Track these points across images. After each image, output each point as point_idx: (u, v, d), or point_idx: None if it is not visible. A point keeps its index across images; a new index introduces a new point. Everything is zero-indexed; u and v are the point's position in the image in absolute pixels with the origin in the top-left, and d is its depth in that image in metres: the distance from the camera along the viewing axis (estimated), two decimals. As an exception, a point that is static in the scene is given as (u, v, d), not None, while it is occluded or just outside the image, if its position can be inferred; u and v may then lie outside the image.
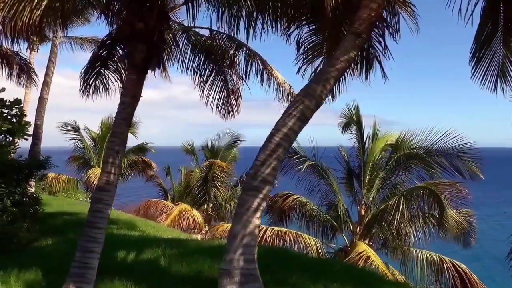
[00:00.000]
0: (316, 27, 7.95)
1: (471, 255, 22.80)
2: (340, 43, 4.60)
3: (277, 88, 10.26)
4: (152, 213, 19.86)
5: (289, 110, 4.49)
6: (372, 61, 5.56)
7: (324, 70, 4.52)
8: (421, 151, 12.99)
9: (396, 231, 13.06)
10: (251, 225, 4.37)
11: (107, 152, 6.72)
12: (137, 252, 8.37)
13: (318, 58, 8.36)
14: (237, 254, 4.24)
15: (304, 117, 4.48)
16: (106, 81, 9.28)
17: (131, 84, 6.94)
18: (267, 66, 9.80)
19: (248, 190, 4.41)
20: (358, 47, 4.48)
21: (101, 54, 8.82)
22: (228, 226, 18.84)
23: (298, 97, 4.52)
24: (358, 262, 10.99)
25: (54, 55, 17.04)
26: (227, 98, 10.38)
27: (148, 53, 6.93)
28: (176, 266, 7.29)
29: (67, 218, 13.15)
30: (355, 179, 14.85)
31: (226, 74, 10.07)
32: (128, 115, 6.87)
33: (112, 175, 6.57)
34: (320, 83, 4.45)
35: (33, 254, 9.21)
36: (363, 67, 5.69)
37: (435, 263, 12.75)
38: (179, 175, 24.89)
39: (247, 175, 4.51)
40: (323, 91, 4.45)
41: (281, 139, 4.44)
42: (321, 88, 4.44)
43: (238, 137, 21.04)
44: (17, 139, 10.75)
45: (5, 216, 9.51)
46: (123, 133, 6.79)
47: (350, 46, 4.43)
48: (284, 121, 4.47)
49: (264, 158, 4.41)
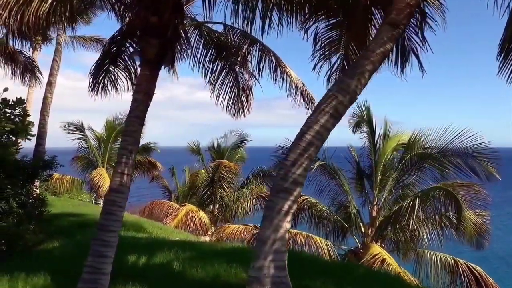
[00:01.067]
0: (334, 21, 7.67)
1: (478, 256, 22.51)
2: (375, 34, 4.31)
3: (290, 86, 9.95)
4: (157, 214, 19.54)
5: (321, 106, 4.19)
6: (408, 54, 5.26)
7: (358, 63, 4.22)
8: (435, 151, 12.67)
9: (409, 233, 12.75)
10: (282, 230, 4.08)
11: (120, 151, 6.43)
12: (148, 255, 8.08)
13: (335, 55, 8.11)
14: (267, 260, 3.93)
15: (337, 113, 4.18)
16: (114, 79, 9.03)
17: (144, 81, 6.64)
18: (280, 63, 9.49)
19: (278, 192, 4.10)
20: (394, 38, 4.18)
21: (111, 50, 8.56)
22: (235, 228, 18.56)
23: (330, 93, 4.22)
24: (373, 265, 10.68)
25: (58, 53, 16.74)
26: (238, 96, 10.10)
27: (162, 48, 6.64)
28: (191, 271, 7.00)
29: (73, 220, 12.87)
30: (365, 180, 14.56)
31: (238, 71, 9.77)
32: (141, 113, 6.57)
33: (126, 176, 6.28)
34: (354, 77, 4.15)
35: (40, 257, 8.94)
36: (398, 60, 5.38)
37: (449, 265, 12.45)
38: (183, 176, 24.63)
39: (276, 176, 4.19)
40: (358, 85, 4.15)
41: (313, 137, 4.14)
42: (355, 82, 4.14)
43: (245, 136, 20.70)
44: (20, 139, 10.48)
45: (10, 218, 9.23)
46: (136, 132, 6.50)
47: (387, 38, 4.13)
48: (316, 118, 4.17)
49: (295, 158, 4.11)
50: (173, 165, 24.52)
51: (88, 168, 21.54)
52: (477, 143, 11.86)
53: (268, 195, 4.28)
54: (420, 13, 4.63)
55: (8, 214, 9.19)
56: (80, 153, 21.85)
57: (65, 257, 8.85)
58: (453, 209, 11.08)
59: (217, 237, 18.66)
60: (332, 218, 14.43)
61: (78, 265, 7.99)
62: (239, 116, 10.33)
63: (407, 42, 5.23)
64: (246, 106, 10.24)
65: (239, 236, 17.87)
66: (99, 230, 6.09)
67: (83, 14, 12.05)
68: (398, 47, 5.23)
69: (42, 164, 10.77)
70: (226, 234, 18.24)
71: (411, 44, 5.18)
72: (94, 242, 6.03)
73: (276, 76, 9.63)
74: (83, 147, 21.67)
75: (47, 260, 8.62)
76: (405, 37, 5.06)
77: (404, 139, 14.29)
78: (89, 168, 21.43)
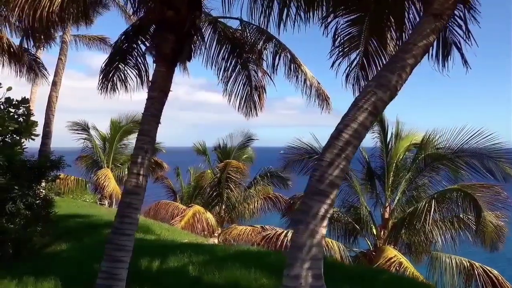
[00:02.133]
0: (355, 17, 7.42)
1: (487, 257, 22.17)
2: (416, 26, 4.02)
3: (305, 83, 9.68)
4: (162, 215, 19.24)
5: (358, 103, 3.91)
6: (450, 48, 4.98)
7: (399, 57, 3.94)
8: (450, 151, 12.36)
9: (424, 235, 12.45)
10: (318, 235, 3.80)
11: (135, 151, 6.16)
12: (161, 259, 7.80)
13: (354, 51, 7.87)
14: (304, 268, 3.65)
15: (376, 110, 3.90)
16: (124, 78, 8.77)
17: (159, 77, 6.38)
18: (296, 60, 9.22)
19: (313, 194, 3.81)
20: (437, 30, 3.90)
21: (122, 47, 8.29)
22: (242, 229, 18.26)
23: (369, 88, 3.94)
24: (389, 268, 10.39)
25: (64, 52, 16.48)
26: (250, 95, 9.83)
27: (178, 44, 6.37)
28: (208, 276, 6.71)
29: (80, 221, 12.60)
30: (377, 180, 14.27)
31: (251, 69, 9.52)
32: (156, 111, 6.31)
33: (141, 177, 6.02)
34: (395, 72, 3.87)
35: (48, 260, 8.69)
36: (439, 54, 5.09)
37: (464, 268, 12.14)
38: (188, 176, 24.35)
39: (311, 178, 3.91)
40: (398, 81, 3.87)
41: (351, 136, 3.85)
42: (396, 77, 3.86)
43: (251, 136, 20.37)
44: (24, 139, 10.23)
45: (17, 219, 8.96)
46: (152, 131, 6.23)
47: (430, 30, 3.84)
48: (353, 116, 3.88)
49: (331, 158, 3.82)
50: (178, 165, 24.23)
51: (92, 169, 21.26)
52: (494, 144, 11.57)
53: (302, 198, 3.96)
54: (464, 3, 4.34)
55: (15, 216, 8.91)
56: (84, 153, 21.57)
57: (73, 260, 8.58)
58: (472, 211, 10.79)
59: (224, 239, 18.39)
60: (343, 220, 14.15)
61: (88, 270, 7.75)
62: (251, 115, 10.09)
63: (448, 35, 4.94)
64: (258, 105, 10.00)
65: (246, 238, 17.58)
66: (113, 234, 5.82)
67: (96, 8, 11.74)
68: (439, 40, 4.94)
69: (50, 164, 10.48)
70: (233, 236, 17.96)
71: (453, 37, 4.90)
72: (108, 246, 5.76)
73: (291, 74, 9.39)
74: (88, 147, 21.39)
75: (56, 264, 8.37)
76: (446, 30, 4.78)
77: (417, 139, 13.99)
78: (94, 169, 21.15)
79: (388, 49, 7.38)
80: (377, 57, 7.65)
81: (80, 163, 21.35)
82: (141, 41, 8.31)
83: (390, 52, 7.42)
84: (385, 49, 7.44)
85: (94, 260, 7.93)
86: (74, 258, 8.74)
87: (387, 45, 7.36)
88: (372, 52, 7.71)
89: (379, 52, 7.57)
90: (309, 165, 14.50)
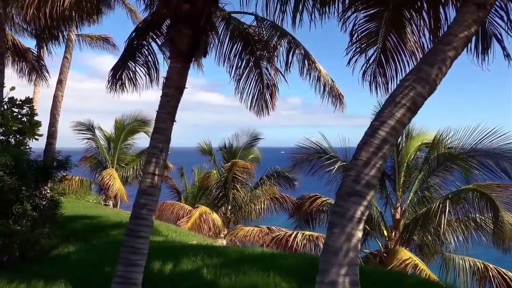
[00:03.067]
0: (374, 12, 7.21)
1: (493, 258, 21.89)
2: (457, 16, 3.79)
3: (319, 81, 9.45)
4: (167, 216, 19.03)
5: (396, 98, 3.67)
6: (490, 40, 4.75)
7: (439, 49, 3.71)
8: (463, 151, 12.12)
9: (436, 236, 12.21)
10: (355, 239, 3.57)
11: (150, 150, 5.92)
12: (173, 261, 7.57)
13: (371, 48, 7.68)
14: (341, 275, 3.42)
15: (415, 106, 3.67)
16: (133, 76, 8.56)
17: (175, 74, 6.14)
18: (310, 58, 9.00)
19: (349, 195, 3.58)
20: (480, 21, 3.67)
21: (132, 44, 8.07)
22: (249, 230, 18.05)
23: (406, 83, 3.70)
24: (404, 270, 10.15)
25: (69, 51, 16.25)
26: (262, 94, 9.62)
27: (194, 39, 6.14)
28: (224, 279, 6.47)
29: (87, 222, 12.37)
30: (387, 181, 14.03)
31: (263, 67, 9.30)
32: (172, 109, 6.08)
33: (156, 177, 5.79)
34: (435, 65, 3.63)
35: (56, 263, 8.47)
36: (478, 46, 4.86)
37: (478, 270, 11.90)
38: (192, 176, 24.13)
39: (346, 178, 3.68)
40: (438, 74, 3.64)
41: (388, 134, 3.62)
42: (436, 71, 3.63)
43: (257, 135, 20.13)
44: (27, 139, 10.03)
45: (24, 221, 8.73)
46: (167, 129, 6.00)
47: (472, 20, 3.61)
48: (390, 112, 3.65)
49: (368, 157, 3.59)
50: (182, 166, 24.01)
51: (97, 169, 21.04)
52: (508, 143, 11.33)
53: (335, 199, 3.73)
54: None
55: (22, 217, 8.68)
56: (88, 154, 21.35)
57: (83, 263, 8.36)
58: (489, 211, 10.56)
59: (230, 240, 18.17)
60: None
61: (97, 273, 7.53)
62: (263, 114, 9.87)
63: (488, 26, 4.71)
64: (270, 104, 9.77)
65: (252, 239, 17.37)
66: (128, 236, 5.59)
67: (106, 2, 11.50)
68: (478, 31, 4.70)
69: (56, 164, 10.25)
70: (240, 237, 17.75)
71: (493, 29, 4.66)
72: (123, 249, 5.52)
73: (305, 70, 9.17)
74: (92, 147, 21.18)
75: (65, 267, 8.15)
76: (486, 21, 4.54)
77: (428, 138, 13.74)
78: (98, 169, 20.93)
79: (408, 44, 7.19)
80: (396, 54, 7.46)
81: (84, 163, 21.13)
82: (152, 38, 8.11)
83: (411, 48, 7.22)
84: (405, 44, 7.24)
85: (105, 263, 7.73)
86: (83, 260, 8.51)
87: (407, 40, 7.16)
88: (390, 48, 7.52)
89: (398, 48, 7.38)
90: (318, 165, 14.31)
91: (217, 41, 8.43)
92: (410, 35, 7.12)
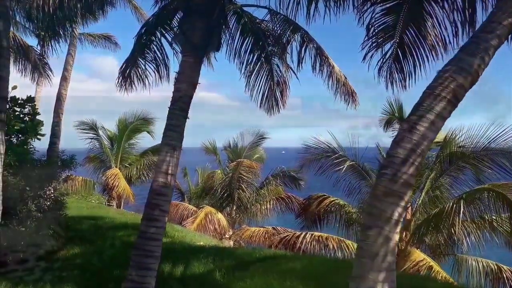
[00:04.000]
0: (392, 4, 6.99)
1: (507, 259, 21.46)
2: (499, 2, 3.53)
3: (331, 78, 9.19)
4: (172, 216, 18.73)
5: (435, 91, 3.40)
6: None
7: (481, 37, 3.44)
8: (476, 150, 11.83)
9: (448, 237, 11.93)
10: (392, 243, 3.31)
11: (163, 148, 5.67)
12: (184, 263, 7.31)
13: (388, 42, 7.44)
14: (379, 282, 3.15)
15: (456, 99, 3.40)
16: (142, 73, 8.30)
17: (187, 68, 5.91)
18: (323, 53, 8.73)
19: (386, 196, 3.32)
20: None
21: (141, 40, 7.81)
22: (254, 230, 17.77)
23: (446, 74, 3.43)
24: (417, 272, 9.89)
25: (73, 48, 15.98)
26: (272, 91, 9.36)
27: (207, 32, 5.89)
28: (238, 283, 6.21)
29: (91, 223, 12.10)
30: (396, 180, 13.75)
31: (273, 63, 9.05)
32: (184, 105, 5.84)
33: (170, 176, 5.53)
34: (477, 54, 3.37)
35: (62, 265, 8.20)
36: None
37: (492, 272, 11.64)
38: (196, 176, 23.87)
39: (381, 176, 3.41)
40: (481, 65, 3.38)
41: (427, 129, 3.35)
42: (478, 61, 3.37)
43: (263, 135, 19.85)
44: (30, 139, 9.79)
45: (29, 221, 8.47)
46: (180, 126, 5.75)
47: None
48: (429, 105, 3.38)
49: (405, 155, 3.32)
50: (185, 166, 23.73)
51: (100, 169, 20.77)
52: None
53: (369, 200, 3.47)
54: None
55: (27, 218, 8.43)
56: (91, 153, 21.08)
57: (89, 266, 8.10)
58: (506, 211, 10.28)
59: (235, 240, 17.90)
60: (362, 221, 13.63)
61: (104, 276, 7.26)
62: (273, 112, 9.63)
63: None
64: (280, 101, 9.53)
65: (258, 240, 17.10)
66: (141, 239, 5.33)
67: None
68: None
69: (61, 164, 10.01)
70: (246, 237, 17.48)
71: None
72: (135, 252, 5.27)
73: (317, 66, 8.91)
74: (96, 146, 20.90)
75: (71, 269, 7.89)
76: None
77: (439, 136, 13.45)
78: (101, 169, 20.66)
79: (429, 38, 6.93)
80: (414, 48, 7.21)
81: (87, 163, 20.86)
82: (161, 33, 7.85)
83: (431, 42, 6.97)
84: (425, 39, 6.98)
85: (113, 266, 7.47)
86: (89, 263, 8.25)
87: (428, 34, 6.90)
88: (408, 42, 7.29)
89: (417, 42, 7.13)
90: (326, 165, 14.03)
91: (228, 36, 8.16)
92: (430, 28, 6.87)
